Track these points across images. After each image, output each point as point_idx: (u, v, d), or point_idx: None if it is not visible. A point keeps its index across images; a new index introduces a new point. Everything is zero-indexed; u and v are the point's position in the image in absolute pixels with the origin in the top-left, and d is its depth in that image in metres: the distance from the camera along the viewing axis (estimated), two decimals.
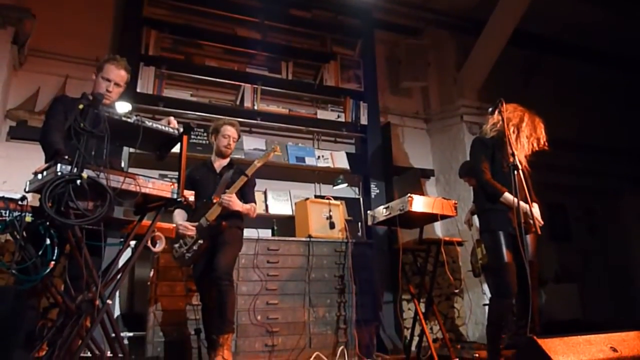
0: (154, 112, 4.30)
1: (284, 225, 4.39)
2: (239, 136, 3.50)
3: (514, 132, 2.99)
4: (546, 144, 3.10)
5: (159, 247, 2.40)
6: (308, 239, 3.98)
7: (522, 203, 2.73)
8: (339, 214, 4.28)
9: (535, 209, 2.98)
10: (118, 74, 2.63)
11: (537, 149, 3.09)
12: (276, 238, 4.06)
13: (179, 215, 3.23)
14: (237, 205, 3.17)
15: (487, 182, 3.01)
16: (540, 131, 3.09)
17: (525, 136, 3.04)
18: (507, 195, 2.91)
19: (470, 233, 4.18)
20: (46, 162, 2.32)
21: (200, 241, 3.10)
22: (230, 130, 3.38)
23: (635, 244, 7.38)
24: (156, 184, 2.17)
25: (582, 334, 2.32)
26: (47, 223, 1.92)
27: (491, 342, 2.94)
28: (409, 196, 3.41)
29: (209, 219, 3.11)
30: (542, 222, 2.90)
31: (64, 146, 2.28)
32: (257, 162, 3.23)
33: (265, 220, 4.35)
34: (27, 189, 1.99)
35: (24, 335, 2.07)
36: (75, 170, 1.88)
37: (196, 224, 3.12)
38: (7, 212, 1.90)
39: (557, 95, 6.49)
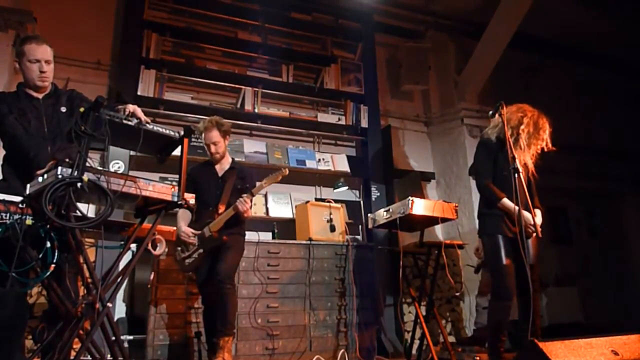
0: (154, 115, 4.30)
1: (285, 228, 4.39)
2: (225, 132, 3.31)
3: (512, 134, 2.92)
4: (549, 145, 3.01)
5: (160, 250, 2.39)
6: (308, 242, 3.98)
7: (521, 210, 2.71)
8: (340, 217, 4.27)
9: (537, 217, 2.96)
10: (44, 50, 2.46)
11: (539, 151, 3.03)
12: (277, 241, 4.06)
13: (183, 218, 3.21)
14: (249, 210, 3.15)
15: (485, 187, 3.03)
16: (544, 132, 2.98)
17: (525, 138, 2.95)
18: (505, 201, 2.91)
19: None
20: (28, 166, 2.29)
21: (201, 251, 3.10)
22: (208, 138, 3.26)
23: (636, 246, 7.37)
24: (157, 186, 2.17)
25: (583, 337, 2.31)
26: (48, 226, 1.91)
27: (492, 345, 2.93)
28: (410, 199, 3.40)
29: (212, 229, 3.08)
30: (539, 231, 2.84)
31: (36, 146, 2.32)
32: (264, 183, 3.17)
33: (265, 223, 4.35)
34: (27, 192, 1.99)
35: (24, 338, 2.06)
36: (75, 173, 1.88)
37: (199, 232, 3.12)
38: (8, 214, 1.89)
39: (558, 98, 6.47)
